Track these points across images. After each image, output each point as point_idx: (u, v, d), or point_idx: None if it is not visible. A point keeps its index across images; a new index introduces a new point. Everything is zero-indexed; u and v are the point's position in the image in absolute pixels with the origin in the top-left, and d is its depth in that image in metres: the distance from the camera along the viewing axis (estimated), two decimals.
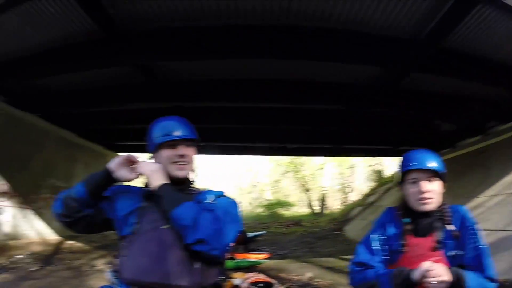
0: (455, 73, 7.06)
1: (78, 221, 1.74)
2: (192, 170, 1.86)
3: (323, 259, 10.38)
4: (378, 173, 25.31)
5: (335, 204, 31.04)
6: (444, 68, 6.78)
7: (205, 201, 1.73)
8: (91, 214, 1.74)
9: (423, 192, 1.75)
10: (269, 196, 37.08)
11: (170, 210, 1.58)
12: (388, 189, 17.00)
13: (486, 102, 9.00)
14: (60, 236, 11.05)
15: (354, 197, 29.07)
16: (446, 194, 1.90)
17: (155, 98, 8.24)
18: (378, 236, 1.87)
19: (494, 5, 5.04)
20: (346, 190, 32.02)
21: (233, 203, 1.79)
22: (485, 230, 7.30)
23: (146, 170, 1.73)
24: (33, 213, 10.38)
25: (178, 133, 1.77)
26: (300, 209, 31.21)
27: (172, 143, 1.76)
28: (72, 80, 8.10)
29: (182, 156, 1.76)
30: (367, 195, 21.56)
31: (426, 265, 1.54)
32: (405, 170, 1.84)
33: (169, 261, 1.56)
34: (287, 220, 23.00)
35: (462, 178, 11.11)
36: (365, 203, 19.24)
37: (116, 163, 1.72)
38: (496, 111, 9.31)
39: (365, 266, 1.81)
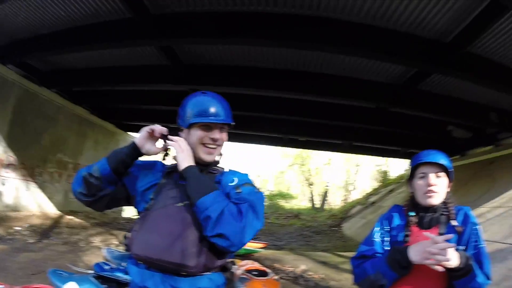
0: (476, 80, 6.90)
1: (100, 199, 1.66)
2: (220, 155, 1.78)
3: (318, 253, 10.40)
4: (383, 173, 25.28)
5: (336, 201, 31.13)
6: (466, 73, 6.61)
7: (231, 186, 1.65)
8: (114, 191, 1.67)
9: (430, 185, 1.81)
10: (271, 187, 37.22)
11: (196, 198, 1.50)
12: (391, 191, 17.00)
13: (503, 112, 8.90)
14: (60, 210, 11.21)
15: (356, 195, 29.11)
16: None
17: (172, 81, 8.22)
18: (381, 229, 1.92)
19: None
20: (349, 188, 32.07)
21: (260, 197, 1.67)
22: (484, 240, 7.33)
23: (177, 147, 1.64)
24: (36, 186, 10.54)
25: (215, 114, 1.67)
26: (301, 203, 31.30)
27: (207, 124, 1.67)
28: (91, 57, 8.18)
29: (214, 140, 1.68)
30: (369, 195, 21.56)
31: (432, 237, 1.57)
32: (415, 164, 1.92)
33: (179, 240, 1.50)
34: (287, 212, 23.06)
35: (467, 186, 11.08)
36: (366, 202, 19.25)
37: (143, 137, 1.65)
38: (510, 122, 9.23)
39: (364, 258, 1.85)
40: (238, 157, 47.62)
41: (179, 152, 1.62)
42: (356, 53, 6.50)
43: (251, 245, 8.92)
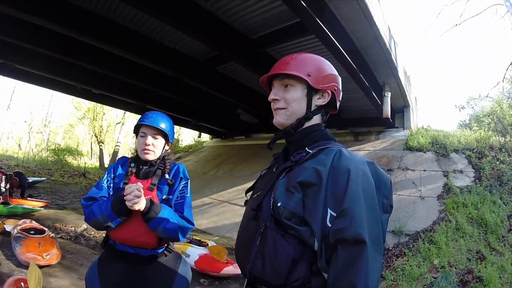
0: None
1: None
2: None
3: None
4: (175, 141, 26.00)
5: None
6: (261, 68, 7.63)
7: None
8: None
9: (146, 145, 2.19)
10: (59, 141, 34.28)
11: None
12: (178, 158, 17.94)
13: None
14: None
15: None
16: (229, 172, 2.46)
17: None
18: (108, 176, 2.24)
19: (321, 39, 6.04)
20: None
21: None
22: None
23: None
24: None
25: None
26: (89, 161, 29.90)
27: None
28: None
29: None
30: None
31: (127, 186, 1.96)
32: (138, 124, 2.27)
33: None
34: (73, 169, 21.80)
35: (246, 163, 12.82)
36: None
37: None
38: None
39: (92, 199, 2.15)
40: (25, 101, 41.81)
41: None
42: (171, 23, 6.60)
43: (30, 204, 8.39)
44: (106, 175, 2.25)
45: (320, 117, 1.50)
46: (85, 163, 26.59)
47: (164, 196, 2.16)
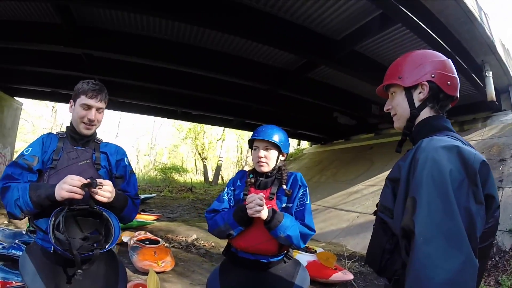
0: (361, 76, 7.88)
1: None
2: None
3: None
4: None
5: (229, 175, 31.93)
6: (352, 69, 7.51)
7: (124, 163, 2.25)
8: None
9: (260, 157, 2.26)
10: (165, 160, 36.85)
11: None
12: None
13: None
14: None
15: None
16: (332, 177, 2.45)
17: (64, 42, 7.52)
18: (229, 189, 2.36)
19: (408, 26, 5.76)
20: (242, 163, 33.10)
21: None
22: (357, 212, 8.40)
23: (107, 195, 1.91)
24: None
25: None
26: (194, 177, 31.57)
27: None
28: None
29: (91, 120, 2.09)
30: None
31: (249, 195, 2.04)
32: (251, 139, 2.35)
33: None
34: (180, 185, 23.17)
35: (348, 166, 12.53)
36: None
37: (65, 196, 1.77)
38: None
39: (215, 211, 2.28)
40: (132, 128, 46.36)
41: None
42: (257, 39, 6.83)
43: (143, 217, 9.08)
44: (226, 189, 2.37)
45: (430, 109, 1.48)
46: (191, 179, 28.14)
47: (284, 205, 2.21)
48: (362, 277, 5.86)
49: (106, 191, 1.87)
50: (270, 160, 2.27)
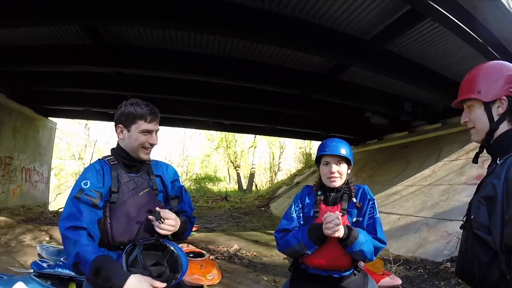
0: (393, 74, 7.73)
1: None
2: None
3: (249, 232, 10.87)
4: (307, 155, 26.34)
5: (262, 182, 31.96)
6: (384, 68, 7.39)
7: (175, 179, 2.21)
8: None
9: (332, 173, 2.22)
10: (198, 171, 37.25)
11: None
12: (315, 171, 17.91)
13: (415, 103, 10.16)
14: None
15: (281, 176, 30.09)
16: (368, 179, 2.41)
17: (95, 62, 7.70)
18: (296, 206, 2.32)
19: (440, 20, 5.60)
20: (275, 169, 33.08)
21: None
22: (398, 214, 8.13)
23: None
24: None
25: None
26: (228, 185, 31.74)
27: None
28: (6, 35, 7.32)
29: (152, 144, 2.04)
30: (294, 175, 22.43)
31: (326, 215, 2.02)
32: (320, 154, 2.31)
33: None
34: (215, 195, 23.31)
35: (385, 167, 12.27)
36: (291, 183, 20.05)
37: None
38: (424, 112, 10.53)
39: (285, 231, 2.25)
40: (164, 141, 47.11)
41: None
42: (285, 45, 6.85)
43: None
44: (293, 206, 2.33)
45: (508, 122, 1.51)
46: (225, 188, 28.28)
47: (354, 219, 2.21)
48: (409, 281, 5.71)
49: (169, 224, 1.88)
50: (342, 174, 2.25)
